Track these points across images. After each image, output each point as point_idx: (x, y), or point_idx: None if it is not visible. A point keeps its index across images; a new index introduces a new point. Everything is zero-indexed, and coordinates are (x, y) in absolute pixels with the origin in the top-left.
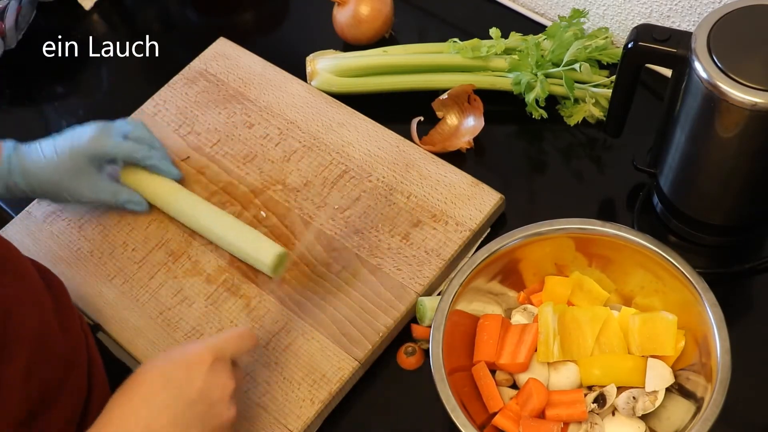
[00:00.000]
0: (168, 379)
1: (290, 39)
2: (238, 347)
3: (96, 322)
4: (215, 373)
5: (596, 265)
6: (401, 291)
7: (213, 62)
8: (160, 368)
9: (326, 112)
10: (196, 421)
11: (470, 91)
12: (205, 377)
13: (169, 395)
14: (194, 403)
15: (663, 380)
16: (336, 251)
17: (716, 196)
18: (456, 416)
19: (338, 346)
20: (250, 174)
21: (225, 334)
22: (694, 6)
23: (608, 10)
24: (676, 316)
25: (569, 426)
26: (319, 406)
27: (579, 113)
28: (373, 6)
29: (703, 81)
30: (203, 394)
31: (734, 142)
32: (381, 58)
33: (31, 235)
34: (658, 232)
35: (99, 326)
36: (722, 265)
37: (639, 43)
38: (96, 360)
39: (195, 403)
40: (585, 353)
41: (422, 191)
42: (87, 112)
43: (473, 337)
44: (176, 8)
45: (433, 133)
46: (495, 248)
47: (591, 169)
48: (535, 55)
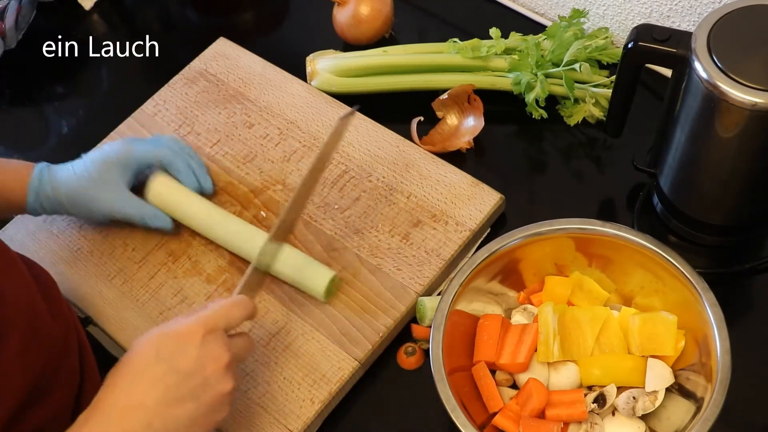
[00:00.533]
0: (160, 354)
1: (290, 39)
2: (231, 318)
3: (96, 322)
4: (208, 346)
5: (596, 265)
6: (401, 291)
7: (213, 62)
8: (152, 343)
9: (326, 112)
10: (190, 394)
11: (470, 91)
12: (198, 350)
13: (161, 369)
14: (187, 376)
15: (663, 380)
16: (336, 251)
17: (716, 196)
18: (456, 416)
19: (338, 346)
20: (250, 174)
21: (217, 306)
22: (694, 6)
23: (608, 10)
24: (676, 316)
25: (569, 426)
26: (319, 406)
27: (579, 113)
28: (373, 6)
29: (703, 81)
30: (196, 367)
31: (734, 142)
32: (381, 58)
33: (31, 235)
34: (658, 232)
35: (90, 319)
36: (722, 265)
37: (639, 43)
38: (87, 349)
39: (188, 376)
40: (585, 353)
41: (422, 191)
42: (87, 112)
43: (473, 337)
44: (176, 8)
45: (433, 133)
46: (495, 248)
47: (591, 169)
48: (535, 55)
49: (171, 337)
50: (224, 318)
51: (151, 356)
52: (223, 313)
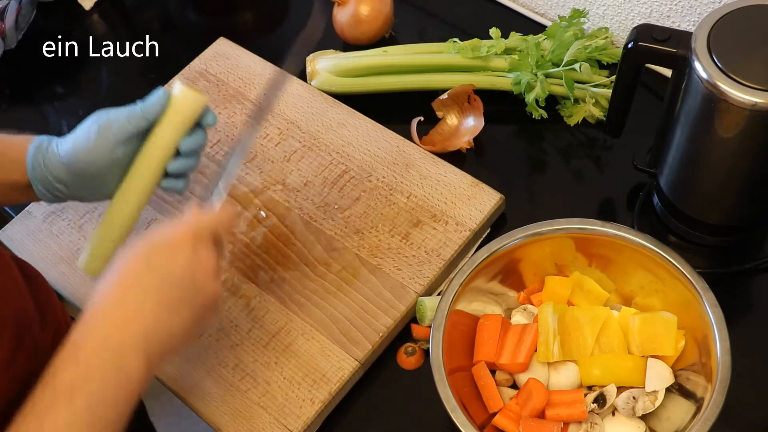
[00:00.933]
0: (151, 263)
1: (290, 39)
2: (217, 225)
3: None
4: (197, 253)
5: (596, 265)
6: (401, 291)
7: (213, 62)
8: (142, 255)
9: (326, 112)
10: (183, 300)
11: (470, 91)
12: (188, 257)
13: (154, 278)
14: (180, 283)
15: (663, 380)
16: (336, 251)
17: (716, 196)
18: (456, 416)
19: (338, 346)
20: (250, 174)
21: (202, 214)
22: (694, 6)
23: (608, 10)
24: (676, 316)
25: (569, 426)
26: (319, 406)
27: (579, 113)
28: (373, 6)
29: (703, 81)
30: (187, 274)
31: (734, 142)
32: (381, 58)
33: (31, 235)
34: (658, 232)
35: None
36: (722, 265)
37: (639, 43)
38: None
39: (181, 285)
40: (585, 353)
41: (422, 191)
42: (87, 112)
43: (473, 337)
44: (176, 8)
45: (433, 133)
46: (495, 248)
47: (591, 169)
48: (535, 55)
49: (161, 247)
50: (211, 225)
51: (142, 267)
52: (210, 220)
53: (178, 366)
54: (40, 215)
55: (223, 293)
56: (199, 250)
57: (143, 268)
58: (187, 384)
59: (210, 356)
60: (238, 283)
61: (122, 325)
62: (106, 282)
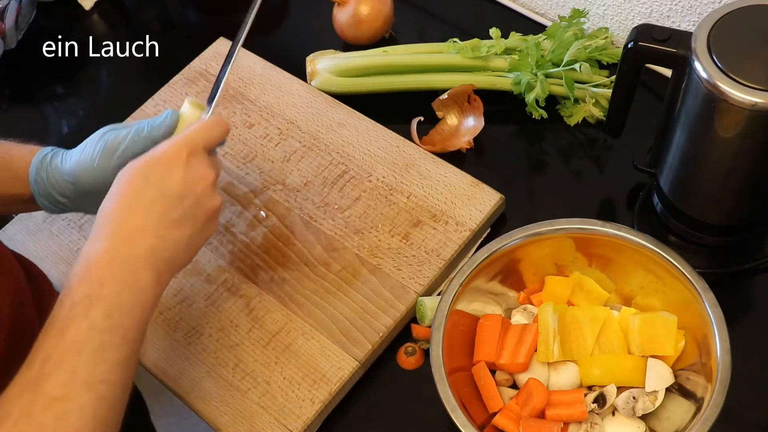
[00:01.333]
0: (148, 179)
1: (290, 39)
2: (209, 137)
3: None
4: (193, 166)
5: (596, 265)
6: (401, 291)
7: (213, 62)
8: (139, 172)
9: (326, 112)
10: (185, 215)
11: (470, 91)
12: (185, 171)
13: (153, 193)
14: (180, 198)
15: (663, 380)
16: (336, 251)
17: (716, 196)
18: (456, 416)
19: (338, 346)
20: (250, 174)
21: (194, 127)
22: (694, 6)
23: (608, 10)
24: (676, 316)
25: (569, 426)
26: (319, 406)
27: (579, 113)
28: (373, 6)
29: (703, 81)
30: (187, 188)
31: (734, 142)
32: (381, 58)
33: (31, 235)
34: (658, 232)
35: None
36: (722, 265)
37: (639, 43)
38: None
39: (181, 198)
40: (585, 353)
41: (422, 191)
42: (87, 112)
43: (473, 337)
44: (176, 8)
45: (433, 133)
46: (495, 248)
47: (591, 169)
48: (535, 55)
49: (157, 163)
50: (203, 138)
51: (141, 184)
52: (201, 133)
53: (178, 366)
54: (40, 215)
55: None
56: (193, 163)
57: (143, 185)
58: (187, 384)
59: (210, 356)
60: (238, 283)
61: (129, 240)
62: (108, 201)
